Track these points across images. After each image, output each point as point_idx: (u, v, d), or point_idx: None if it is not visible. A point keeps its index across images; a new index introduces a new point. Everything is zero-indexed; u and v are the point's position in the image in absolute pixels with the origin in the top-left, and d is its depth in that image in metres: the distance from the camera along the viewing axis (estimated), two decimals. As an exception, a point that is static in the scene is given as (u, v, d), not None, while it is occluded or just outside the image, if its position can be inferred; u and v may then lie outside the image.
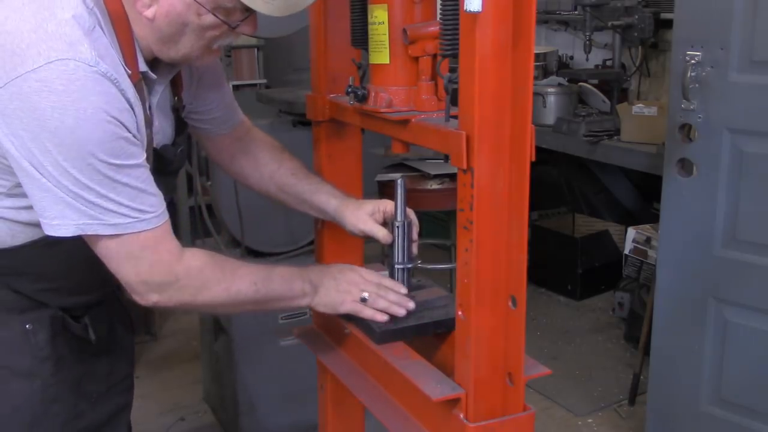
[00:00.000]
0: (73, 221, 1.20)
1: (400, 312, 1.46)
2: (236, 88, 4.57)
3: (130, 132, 1.22)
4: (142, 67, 1.30)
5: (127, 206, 1.22)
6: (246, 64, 4.89)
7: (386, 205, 1.58)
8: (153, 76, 1.34)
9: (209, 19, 1.25)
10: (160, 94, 1.39)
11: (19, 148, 1.17)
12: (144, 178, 1.25)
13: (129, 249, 1.25)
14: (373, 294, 1.46)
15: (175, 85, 1.47)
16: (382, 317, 1.45)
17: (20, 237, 1.34)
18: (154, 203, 1.27)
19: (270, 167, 1.68)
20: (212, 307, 1.42)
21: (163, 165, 1.41)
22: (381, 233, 1.55)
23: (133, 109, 1.24)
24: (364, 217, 1.57)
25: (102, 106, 1.16)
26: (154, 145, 1.38)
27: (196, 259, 1.33)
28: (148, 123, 1.33)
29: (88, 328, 1.48)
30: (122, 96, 1.21)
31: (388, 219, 1.57)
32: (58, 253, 1.34)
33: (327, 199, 1.62)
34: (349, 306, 1.46)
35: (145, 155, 1.27)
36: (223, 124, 1.64)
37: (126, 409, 1.64)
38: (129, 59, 1.26)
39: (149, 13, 1.25)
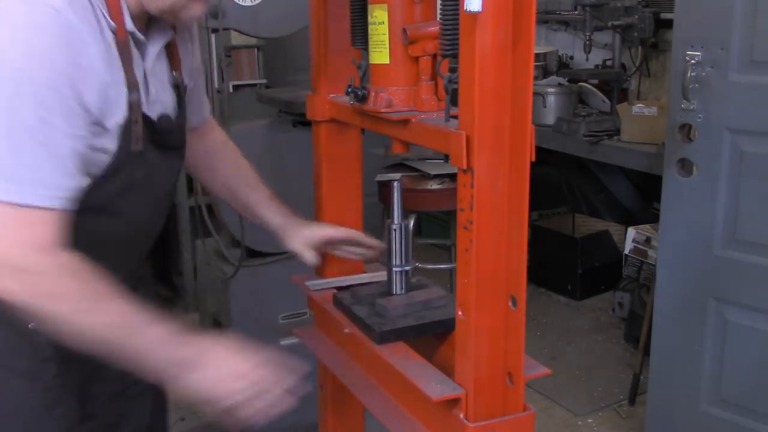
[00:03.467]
0: None
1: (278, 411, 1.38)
2: (236, 88, 4.55)
3: (76, 97, 1.17)
4: (129, 26, 1.28)
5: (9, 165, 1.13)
6: (246, 64, 4.88)
7: (323, 231, 1.64)
8: (141, 36, 1.31)
9: None
10: (154, 61, 1.36)
11: None
12: (61, 152, 1.16)
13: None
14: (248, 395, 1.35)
15: (173, 59, 1.44)
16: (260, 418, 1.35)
17: None
18: (50, 185, 1.16)
19: (224, 173, 1.70)
20: (59, 323, 1.19)
21: (159, 137, 1.36)
22: (307, 256, 1.62)
23: (106, 68, 1.21)
24: (297, 239, 1.63)
25: (55, 51, 1.14)
26: (150, 115, 1.34)
27: (68, 262, 1.17)
28: (133, 86, 1.28)
29: None
30: (85, 50, 1.18)
31: (323, 245, 1.64)
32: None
33: (272, 216, 1.67)
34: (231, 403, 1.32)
35: (85, 130, 1.20)
36: (192, 115, 1.60)
37: (142, 411, 1.60)
38: (114, 14, 1.24)
39: None
